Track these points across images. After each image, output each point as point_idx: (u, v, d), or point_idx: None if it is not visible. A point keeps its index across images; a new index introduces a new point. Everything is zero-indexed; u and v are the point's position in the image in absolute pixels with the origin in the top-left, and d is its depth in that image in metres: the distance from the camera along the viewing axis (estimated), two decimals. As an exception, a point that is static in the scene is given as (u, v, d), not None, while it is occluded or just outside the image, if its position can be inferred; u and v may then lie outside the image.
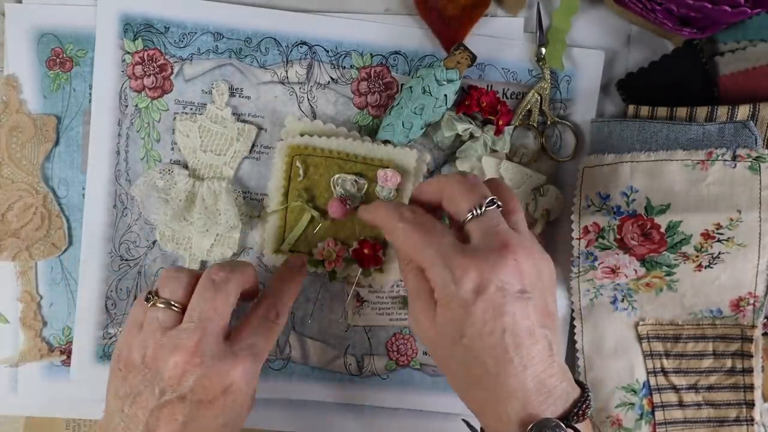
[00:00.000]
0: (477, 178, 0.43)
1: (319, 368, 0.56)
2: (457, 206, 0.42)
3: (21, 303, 0.55)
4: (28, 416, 0.56)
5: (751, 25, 0.52)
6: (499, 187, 0.44)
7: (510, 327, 0.39)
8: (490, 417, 0.41)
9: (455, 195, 0.42)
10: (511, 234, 0.41)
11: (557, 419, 0.38)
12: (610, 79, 0.55)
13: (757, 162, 0.50)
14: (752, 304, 0.53)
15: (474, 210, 0.41)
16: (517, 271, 0.39)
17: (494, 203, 0.41)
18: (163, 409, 0.42)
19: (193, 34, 0.54)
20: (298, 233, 0.53)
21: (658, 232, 0.51)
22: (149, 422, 0.42)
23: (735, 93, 0.52)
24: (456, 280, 0.39)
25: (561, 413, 0.39)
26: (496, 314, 0.38)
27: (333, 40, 0.54)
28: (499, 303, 0.39)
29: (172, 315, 0.44)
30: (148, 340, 0.43)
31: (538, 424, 0.38)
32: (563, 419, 0.39)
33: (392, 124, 0.52)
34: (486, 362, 0.39)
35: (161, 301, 0.44)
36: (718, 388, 0.55)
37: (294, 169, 0.53)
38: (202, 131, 0.54)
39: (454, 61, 0.52)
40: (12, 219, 0.54)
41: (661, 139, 0.51)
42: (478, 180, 0.43)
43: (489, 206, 0.41)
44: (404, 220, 0.42)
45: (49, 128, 0.54)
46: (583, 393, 0.41)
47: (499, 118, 0.53)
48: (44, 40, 0.53)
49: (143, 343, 0.43)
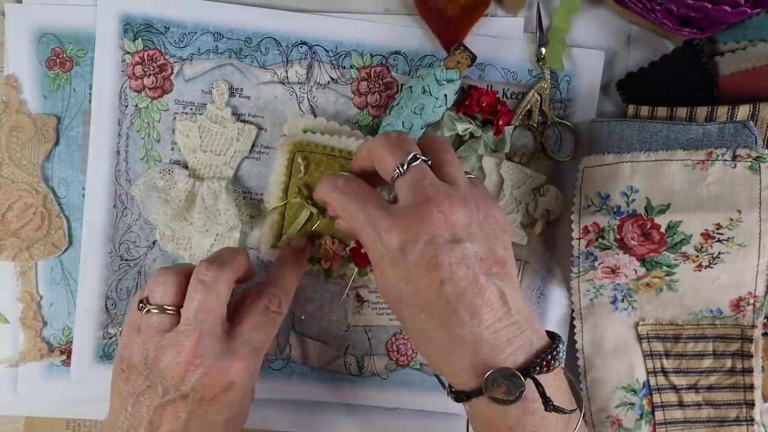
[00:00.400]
0: (403, 136, 0.42)
1: (319, 368, 0.56)
2: (385, 167, 0.42)
3: (21, 303, 0.55)
4: (28, 416, 0.56)
5: (751, 25, 0.52)
6: (429, 141, 0.43)
7: (447, 277, 0.38)
8: (446, 370, 0.40)
9: (381, 155, 0.42)
10: (436, 186, 0.40)
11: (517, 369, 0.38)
12: (610, 79, 0.55)
13: (757, 162, 0.50)
14: (752, 304, 0.53)
15: (398, 168, 0.41)
16: (446, 222, 0.38)
17: (417, 158, 0.41)
18: (166, 407, 0.42)
19: (193, 34, 0.54)
20: (296, 229, 0.53)
21: (658, 232, 0.51)
22: (153, 420, 0.42)
23: (735, 93, 0.52)
24: (382, 240, 0.39)
25: (522, 362, 0.38)
26: (430, 267, 0.38)
27: (333, 40, 0.54)
28: (431, 255, 0.38)
29: (167, 318, 0.44)
30: (148, 342, 0.43)
31: (494, 373, 0.37)
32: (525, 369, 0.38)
33: (392, 124, 0.52)
34: (431, 316, 0.39)
35: (154, 307, 0.44)
36: (718, 388, 0.55)
37: (295, 165, 0.53)
38: (202, 131, 0.54)
39: (454, 61, 0.52)
40: (12, 219, 0.54)
41: (661, 139, 0.51)
42: (404, 137, 0.42)
43: (413, 162, 0.40)
44: (337, 190, 0.43)
45: (49, 128, 0.54)
46: (553, 343, 0.40)
47: (499, 118, 0.53)
48: (44, 40, 0.53)
49: (144, 346, 0.44)
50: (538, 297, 0.56)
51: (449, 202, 0.39)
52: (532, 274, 0.56)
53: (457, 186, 0.41)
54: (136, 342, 0.44)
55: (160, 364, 0.43)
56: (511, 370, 0.38)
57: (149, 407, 0.42)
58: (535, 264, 0.56)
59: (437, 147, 0.43)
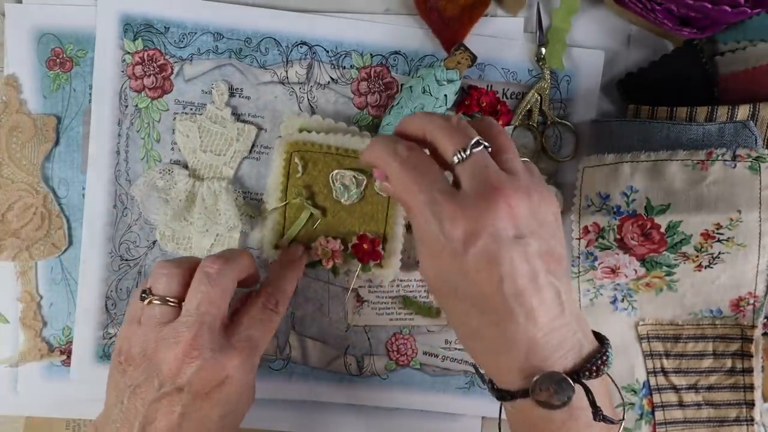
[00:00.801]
0: (461, 120, 0.40)
1: (319, 368, 0.56)
2: (444, 150, 0.39)
3: (21, 303, 0.55)
4: (28, 416, 0.56)
5: (751, 25, 0.52)
6: (486, 125, 0.41)
7: (508, 274, 0.36)
8: (492, 368, 0.39)
9: (438, 137, 0.40)
10: (501, 176, 0.38)
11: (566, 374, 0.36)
12: (610, 79, 0.55)
13: (757, 162, 0.50)
14: (752, 304, 0.53)
15: (459, 153, 0.38)
16: (511, 216, 0.37)
17: (480, 144, 0.38)
18: (161, 400, 0.42)
19: (193, 34, 0.54)
20: (297, 230, 0.53)
21: (658, 232, 0.51)
22: (148, 414, 0.41)
23: (735, 93, 0.52)
24: (444, 231, 0.37)
25: (571, 367, 0.37)
26: (491, 263, 0.36)
27: (333, 40, 0.54)
28: (493, 250, 0.36)
29: (169, 310, 0.44)
30: (148, 334, 0.43)
31: (543, 377, 0.36)
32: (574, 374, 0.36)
33: (392, 123, 0.52)
34: (484, 312, 0.37)
35: (156, 298, 0.44)
36: (718, 388, 0.55)
37: (293, 165, 0.53)
38: (202, 131, 0.54)
39: (454, 62, 0.52)
40: (12, 219, 0.54)
41: (661, 139, 0.51)
42: (462, 121, 0.40)
43: (475, 147, 0.38)
44: (398, 159, 0.39)
45: (49, 128, 0.54)
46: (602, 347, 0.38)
47: (499, 118, 0.53)
48: (44, 40, 0.53)
49: (144, 338, 0.43)
50: (538, 297, 0.56)
51: (516, 194, 0.37)
52: (532, 274, 0.56)
53: (517, 175, 0.39)
54: (136, 333, 0.44)
55: (158, 356, 0.42)
56: (561, 375, 0.36)
57: (144, 400, 0.42)
58: (535, 264, 0.56)
59: (495, 132, 0.40)
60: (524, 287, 0.36)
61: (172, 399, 0.42)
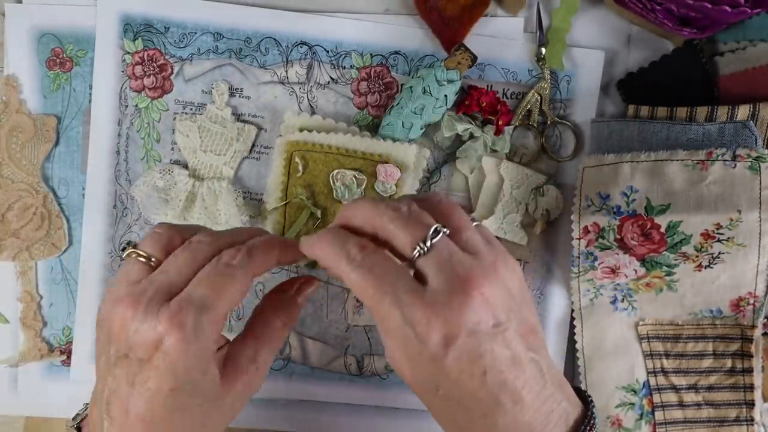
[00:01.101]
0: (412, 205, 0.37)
1: (319, 368, 0.56)
2: (401, 244, 0.36)
3: (21, 303, 0.55)
4: (28, 416, 0.56)
5: (751, 25, 0.52)
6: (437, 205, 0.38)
7: (491, 367, 0.35)
8: None
9: (392, 232, 0.36)
10: (467, 263, 0.35)
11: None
12: (610, 79, 0.55)
13: (757, 162, 0.50)
14: (752, 304, 0.53)
15: (419, 247, 0.35)
16: (487, 306, 0.35)
17: (438, 232, 0.35)
18: (117, 366, 0.38)
19: (193, 34, 0.54)
20: (297, 229, 0.53)
21: (658, 232, 0.51)
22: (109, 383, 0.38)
23: (735, 93, 0.52)
24: (419, 336, 0.34)
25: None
26: (473, 360, 0.34)
27: (333, 40, 0.54)
28: (474, 348, 0.34)
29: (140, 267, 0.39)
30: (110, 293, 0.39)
31: None
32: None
33: (392, 123, 0.52)
34: (470, 408, 0.36)
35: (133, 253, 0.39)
36: (718, 388, 0.55)
37: (293, 164, 0.53)
38: (202, 131, 0.54)
39: (454, 62, 0.52)
40: (12, 219, 0.54)
41: (661, 139, 0.51)
42: (414, 207, 0.37)
43: (434, 237, 0.35)
44: (352, 263, 0.36)
45: (49, 128, 0.54)
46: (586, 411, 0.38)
47: (499, 118, 0.53)
48: (44, 40, 0.53)
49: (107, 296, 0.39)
50: (538, 297, 0.56)
51: (487, 280, 0.35)
52: (532, 274, 0.56)
53: (480, 255, 0.36)
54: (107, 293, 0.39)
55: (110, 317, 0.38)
56: None
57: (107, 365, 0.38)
58: (535, 264, 0.56)
59: (448, 211, 0.38)
60: (508, 374, 0.35)
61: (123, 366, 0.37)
